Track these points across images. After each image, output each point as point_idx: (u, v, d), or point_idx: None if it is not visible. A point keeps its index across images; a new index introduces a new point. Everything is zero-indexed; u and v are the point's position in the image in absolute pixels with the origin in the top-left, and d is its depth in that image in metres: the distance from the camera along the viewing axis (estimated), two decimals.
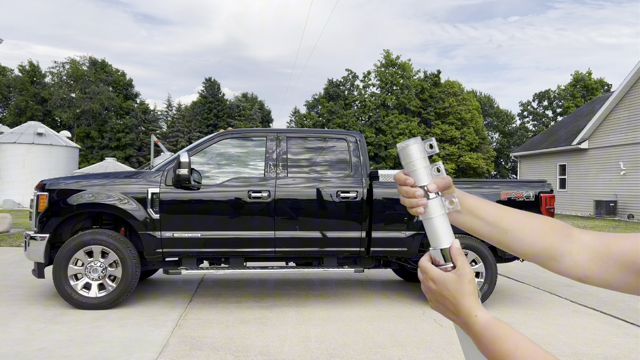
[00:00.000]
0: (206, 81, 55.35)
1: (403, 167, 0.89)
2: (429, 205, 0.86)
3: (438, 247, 0.86)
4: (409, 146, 0.87)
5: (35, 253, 5.61)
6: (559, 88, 58.14)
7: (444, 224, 0.87)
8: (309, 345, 4.48)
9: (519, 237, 0.87)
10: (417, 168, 0.87)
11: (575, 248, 0.84)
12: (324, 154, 6.13)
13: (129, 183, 5.72)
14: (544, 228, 0.87)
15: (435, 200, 0.87)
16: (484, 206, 0.90)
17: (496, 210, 0.90)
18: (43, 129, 25.18)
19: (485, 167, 50.45)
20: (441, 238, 0.86)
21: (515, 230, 0.87)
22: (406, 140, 0.88)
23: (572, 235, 0.86)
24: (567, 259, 0.85)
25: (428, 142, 0.87)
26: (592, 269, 0.83)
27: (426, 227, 0.88)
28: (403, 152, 0.88)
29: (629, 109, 20.54)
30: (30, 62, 50.31)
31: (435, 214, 0.87)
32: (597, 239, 0.84)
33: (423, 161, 0.87)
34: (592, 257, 0.82)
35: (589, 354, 4.41)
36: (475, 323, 0.79)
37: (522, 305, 6.09)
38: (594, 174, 22.48)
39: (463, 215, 0.90)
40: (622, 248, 0.79)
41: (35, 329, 4.84)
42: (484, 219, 0.89)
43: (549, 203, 6.12)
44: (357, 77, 54.04)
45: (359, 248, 5.92)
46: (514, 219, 0.89)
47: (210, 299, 6.17)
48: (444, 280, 0.81)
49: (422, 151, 0.87)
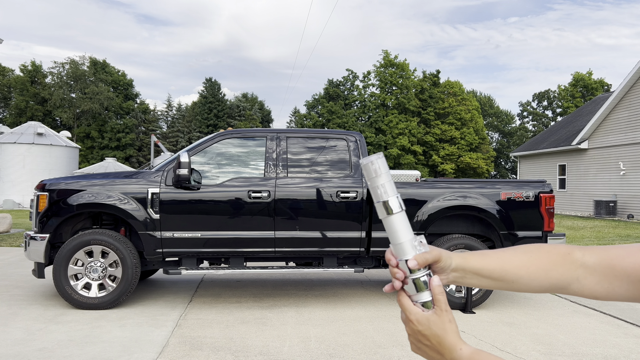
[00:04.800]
0: (206, 81, 55.36)
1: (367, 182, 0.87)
2: (411, 281, 0.84)
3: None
4: (377, 161, 0.85)
5: (35, 253, 5.61)
6: (559, 88, 58.17)
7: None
8: (308, 345, 4.48)
9: (526, 284, 0.90)
10: (384, 182, 0.84)
11: (581, 274, 0.88)
12: (324, 154, 6.13)
13: (129, 183, 5.73)
14: (547, 265, 0.89)
15: (421, 277, 0.84)
16: (486, 264, 0.90)
17: (499, 263, 0.90)
18: (43, 129, 25.18)
19: (485, 167, 50.43)
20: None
21: (521, 278, 0.89)
22: (370, 156, 0.86)
23: (575, 262, 0.88)
24: (574, 285, 0.88)
25: (419, 239, 0.85)
26: (599, 290, 0.87)
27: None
28: (367, 168, 0.85)
29: (629, 109, 20.54)
30: (32, 62, 50.31)
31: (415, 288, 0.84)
32: (601, 260, 0.86)
33: (387, 175, 0.85)
34: (599, 280, 0.86)
35: (589, 354, 4.41)
36: (461, 356, 0.81)
37: (522, 305, 6.09)
38: (593, 174, 22.48)
39: (469, 278, 0.90)
40: (626, 268, 0.82)
41: (35, 329, 4.84)
42: (489, 277, 0.90)
43: (548, 203, 6.12)
44: (357, 77, 54.05)
45: (358, 248, 5.92)
46: (517, 267, 0.89)
47: (210, 299, 6.17)
48: (427, 320, 0.83)
49: (386, 166, 0.85)
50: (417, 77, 51.96)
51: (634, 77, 20.00)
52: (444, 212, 5.97)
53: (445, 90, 52.27)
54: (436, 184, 6.17)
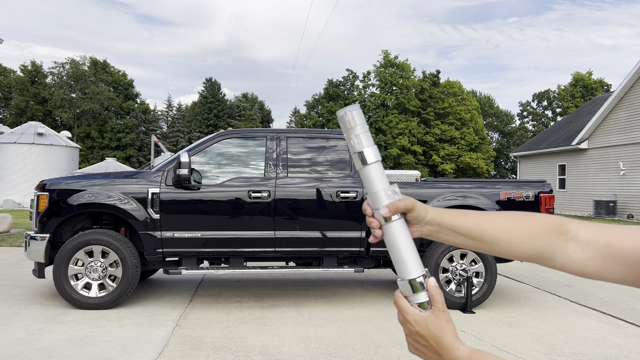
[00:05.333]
0: (206, 81, 55.37)
1: (343, 133, 0.85)
2: (387, 230, 0.82)
3: (405, 277, 0.82)
4: (352, 112, 0.83)
5: (35, 253, 5.62)
6: (558, 88, 58.18)
7: (409, 251, 0.82)
8: (308, 345, 4.48)
9: (507, 247, 0.86)
10: (359, 133, 0.83)
11: (571, 246, 0.83)
12: (324, 153, 6.13)
13: (129, 183, 5.73)
14: (532, 232, 0.85)
15: (395, 224, 0.82)
16: (464, 222, 0.86)
17: (478, 223, 0.86)
18: (43, 129, 25.18)
19: (484, 167, 50.43)
20: (409, 267, 0.82)
21: (502, 241, 0.86)
22: (345, 107, 0.84)
23: (566, 233, 0.84)
24: (561, 258, 0.84)
25: (392, 188, 0.83)
26: (589, 267, 0.82)
27: (390, 254, 0.84)
28: (343, 119, 0.84)
29: (629, 109, 20.54)
30: (32, 62, 50.31)
31: (397, 238, 0.82)
32: (597, 236, 0.81)
33: (363, 126, 0.83)
34: (591, 255, 0.81)
35: (589, 353, 4.41)
36: (459, 356, 0.81)
37: (521, 305, 6.09)
38: (593, 174, 22.48)
39: (444, 234, 0.87)
40: (625, 247, 0.78)
41: (35, 329, 4.84)
42: (467, 235, 0.87)
43: (548, 203, 6.12)
44: (357, 77, 54.06)
45: (358, 248, 5.93)
46: (499, 228, 0.85)
47: (210, 299, 6.17)
48: (425, 321, 0.82)
49: (362, 117, 0.84)
50: (417, 77, 51.96)
51: (633, 77, 20.00)
52: None
53: (445, 90, 52.26)
54: (436, 184, 6.18)
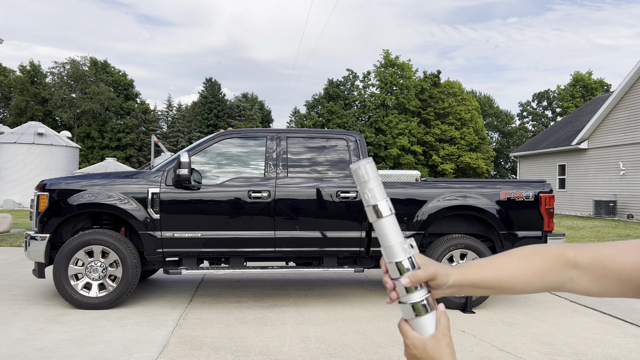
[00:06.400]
0: (206, 81, 55.36)
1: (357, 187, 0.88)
2: (408, 301, 0.85)
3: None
4: (365, 166, 0.86)
5: (35, 253, 5.62)
6: (558, 88, 58.17)
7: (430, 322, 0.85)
8: (309, 345, 4.48)
9: (522, 289, 0.93)
10: (373, 186, 0.85)
11: (574, 274, 0.91)
12: (324, 154, 6.14)
13: (129, 183, 5.73)
14: (541, 270, 0.91)
15: (416, 295, 0.85)
16: (483, 277, 0.91)
17: (495, 274, 0.91)
18: (43, 129, 25.18)
19: (484, 167, 50.42)
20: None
21: (518, 285, 0.92)
22: (359, 161, 0.87)
23: (568, 263, 0.91)
24: (568, 285, 0.92)
25: (409, 242, 0.86)
26: (592, 289, 0.90)
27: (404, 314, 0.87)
28: (357, 173, 0.86)
29: (629, 109, 20.54)
30: (31, 62, 50.33)
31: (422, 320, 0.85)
32: (593, 260, 0.89)
33: (376, 180, 0.86)
34: (591, 279, 0.89)
35: (589, 353, 4.42)
36: None
37: (521, 305, 6.10)
38: (593, 174, 22.48)
39: (466, 290, 0.92)
40: (616, 268, 0.86)
41: (35, 329, 4.84)
42: (487, 287, 0.91)
43: (548, 203, 6.13)
44: (357, 77, 54.03)
45: (358, 248, 5.93)
46: (513, 275, 0.91)
47: (210, 299, 6.17)
48: (423, 344, 0.84)
49: (375, 171, 0.86)
50: (418, 77, 51.95)
51: (633, 77, 20.00)
52: (444, 212, 5.98)
53: (445, 90, 52.25)
54: (436, 184, 6.18)
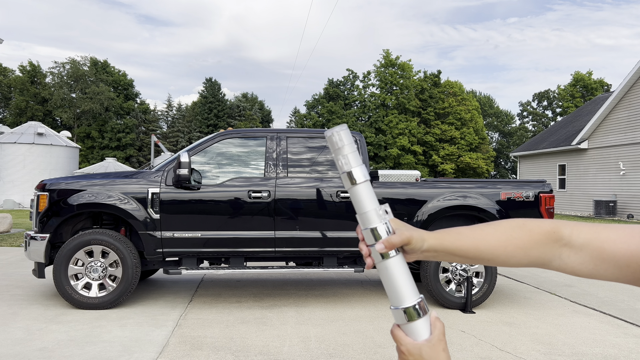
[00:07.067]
0: (206, 81, 55.36)
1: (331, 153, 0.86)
2: (383, 267, 0.82)
3: (400, 306, 0.81)
4: (339, 132, 0.83)
5: (35, 253, 5.62)
6: (558, 88, 58.17)
7: (406, 283, 0.82)
8: (308, 345, 4.48)
9: (503, 261, 0.88)
10: (347, 153, 0.83)
11: (564, 251, 0.86)
12: (324, 153, 6.13)
13: (129, 183, 5.73)
14: (526, 244, 0.87)
15: (392, 261, 0.82)
16: (460, 244, 0.87)
17: (474, 243, 0.87)
18: (43, 129, 25.17)
19: (484, 167, 50.42)
20: (403, 296, 0.81)
21: (498, 257, 0.87)
22: (333, 127, 0.84)
23: (559, 240, 0.86)
24: (555, 262, 0.87)
25: (383, 208, 0.84)
26: (581, 269, 0.85)
27: (385, 287, 0.83)
28: (331, 140, 0.84)
29: (629, 109, 20.54)
30: (30, 62, 50.34)
31: (395, 274, 0.82)
32: (590, 241, 0.84)
33: (350, 146, 0.83)
34: (584, 259, 0.84)
35: (588, 353, 4.42)
36: None
37: (521, 305, 6.10)
38: (593, 174, 22.48)
39: (441, 256, 0.88)
40: (615, 253, 0.80)
41: (36, 328, 4.84)
42: (464, 255, 0.88)
43: (548, 203, 6.12)
44: (357, 77, 54.02)
45: (358, 248, 5.92)
46: (493, 246, 0.87)
47: (210, 299, 6.17)
48: (418, 350, 0.81)
49: (349, 137, 0.84)
50: (418, 77, 51.95)
51: (633, 77, 20.01)
52: (444, 212, 5.98)
53: (445, 90, 52.25)
54: (436, 184, 6.18)
